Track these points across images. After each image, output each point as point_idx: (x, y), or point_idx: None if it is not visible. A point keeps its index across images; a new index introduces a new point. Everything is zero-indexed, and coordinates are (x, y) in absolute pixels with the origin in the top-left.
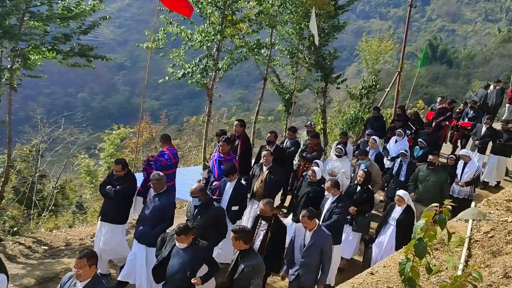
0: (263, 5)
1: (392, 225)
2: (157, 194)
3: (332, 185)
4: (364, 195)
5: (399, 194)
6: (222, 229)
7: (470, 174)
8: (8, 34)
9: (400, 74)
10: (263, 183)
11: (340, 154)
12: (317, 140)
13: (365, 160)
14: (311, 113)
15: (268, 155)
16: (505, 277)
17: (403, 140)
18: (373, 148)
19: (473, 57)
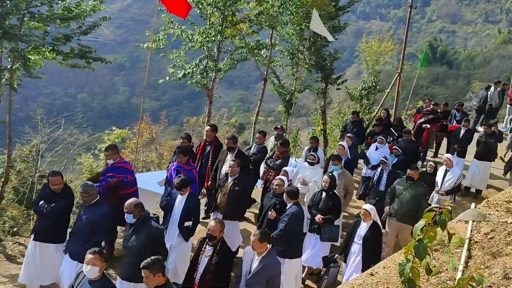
0: (263, 5)
1: (358, 243)
2: (88, 206)
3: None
4: (330, 202)
5: (366, 208)
6: (161, 251)
7: (451, 182)
8: (8, 34)
9: (400, 75)
10: (226, 195)
11: (313, 161)
12: (285, 148)
13: (338, 166)
14: (311, 114)
15: (235, 165)
16: (505, 278)
17: (384, 148)
18: (341, 154)
19: (473, 58)
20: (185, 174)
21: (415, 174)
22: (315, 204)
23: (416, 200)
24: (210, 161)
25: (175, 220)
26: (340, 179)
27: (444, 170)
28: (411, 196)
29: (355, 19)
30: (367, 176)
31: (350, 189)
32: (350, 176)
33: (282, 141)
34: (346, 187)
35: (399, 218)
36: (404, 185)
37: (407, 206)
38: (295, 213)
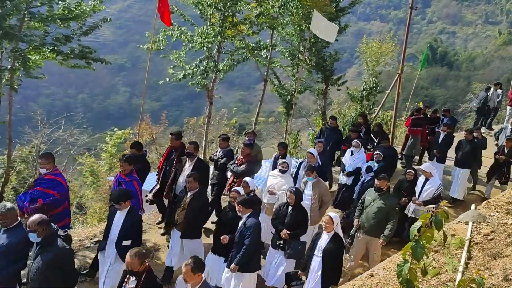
0: (263, 6)
1: (318, 257)
2: (5, 229)
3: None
4: (296, 216)
5: (330, 215)
6: (70, 274)
7: (430, 192)
8: (8, 34)
9: (400, 76)
10: (185, 211)
11: (285, 169)
12: (249, 150)
13: (311, 176)
14: (311, 114)
15: (192, 180)
16: (505, 279)
17: (360, 153)
18: (312, 162)
19: (473, 59)
20: (125, 186)
21: (383, 184)
22: (280, 218)
23: (384, 212)
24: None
25: (112, 238)
26: (315, 189)
27: (424, 179)
28: (379, 208)
29: (356, 20)
30: (343, 183)
31: (326, 200)
32: (325, 185)
33: (244, 143)
34: (321, 198)
35: (366, 231)
36: (372, 196)
37: (374, 218)
38: (255, 224)
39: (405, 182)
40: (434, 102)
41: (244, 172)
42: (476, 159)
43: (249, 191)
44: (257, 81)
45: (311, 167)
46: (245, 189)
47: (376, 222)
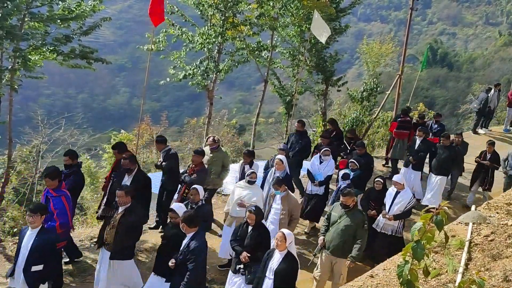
0: (264, 7)
1: (270, 279)
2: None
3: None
4: (257, 237)
5: (283, 232)
6: None
7: (401, 205)
8: (8, 34)
9: (400, 77)
10: (114, 228)
11: (253, 180)
12: (199, 158)
13: (279, 190)
14: (311, 115)
15: (122, 194)
16: (505, 280)
17: (329, 160)
18: (279, 170)
19: (473, 60)
20: (53, 202)
21: (349, 201)
22: (240, 239)
23: (352, 230)
24: None
25: (20, 262)
26: (284, 203)
27: (395, 191)
28: (346, 225)
29: (356, 21)
30: (313, 193)
31: (296, 215)
32: (295, 200)
33: (195, 150)
34: (291, 213)
35: (331, 251)
36: (339, 212)
37: (340, 237)
38: (199, 247)
39: (373, 192)
40: (434, 103)
41: (195, 182)
42: (455, 166)
43: (199, 200)
44: (257, 82)
45: (279, 181)
46: (195, 197)
47: (342, 242)
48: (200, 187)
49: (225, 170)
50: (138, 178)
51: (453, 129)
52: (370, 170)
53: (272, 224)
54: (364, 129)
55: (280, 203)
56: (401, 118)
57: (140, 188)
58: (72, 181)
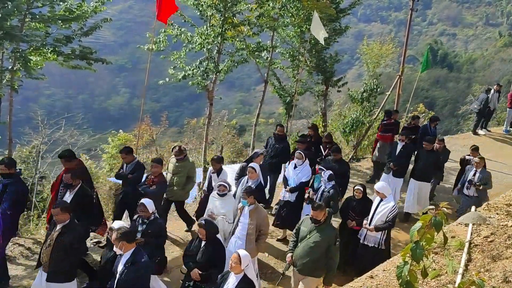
0: (263, 7)
1: None
2: None
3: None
4: (210, 253)
5: (239, 253)
6: None
7: (383, 215)
8: (9, 35)
9: (401, 77)
10: (50, 247)
11: (223, 192)
12: (159, 168)
13: (247, 200)
14: (311, 116)
15: (59, 211)
16: (505, 281)
17: (304, 165)
18: (252, 178)
19: (474, 61)
20: None
21: (319, 215)
22: (192, 255)
23: (322, 247)
24: None
25: None
26: (252, 216)
27: (379, 200)
28: (315, 242)
29: (356, 22)
30: (285, 200)
31: (265, 230)
32: (264, 214)
33: (154, 159)
34: (259, 228)
35: (300, 269)
36: (308, 226)
37: (309, 254)
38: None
39: (353, 201)
40: (435, 103)
41: (154, 195)
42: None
43: (150, 215)
44: (258, 82)
45: (248, 190)
46: (144, 213)
47: (312, 260)
48: (148, 202)
49: (191, 181)
50: (79, 194)
51: (453, 130)
52: (345, 177)
53: (240, 239)
54: (364, 129)
55: (248, 216)
56: (385, 121)
57: (82, 205)
58: (13, 192)
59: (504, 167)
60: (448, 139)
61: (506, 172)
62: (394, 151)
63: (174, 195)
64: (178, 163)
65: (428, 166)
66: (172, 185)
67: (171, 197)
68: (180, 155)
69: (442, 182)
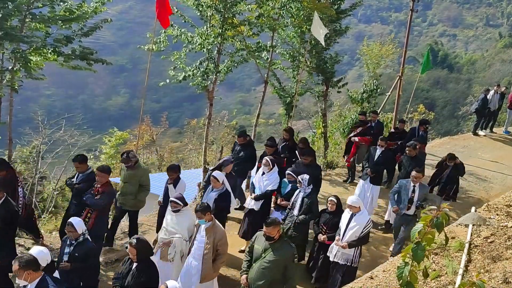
0: (263, 8)
1: None
2: None
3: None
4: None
5: (168, 285)
6: None
7: (357, 230)
8: (9, 35)
9: (401, 78)
10: None
11: (177, 208)
12: (105, 177)
13: (203, 219)
14: (311, 116)
15: None
16: (505, 282)
17: (272, 173)
18: (216, 187)
19: (474, 62)
20: None
21: (273, 231)
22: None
23: (279, 267)
24: None
25: None
26: (209, 234)
27: (350, 214)
28: (270, 261)
29: (356, 22)
30: (249, 208)
31: (222, 250)
32: (222, 231)
33: (98, 167)
34: (217, 247)
35: None
36: (262, 245)
37: (265, 275)
38: None
39: (325, 213)
40: (435, 104)
41: (99, 205)
42: None
43: (78, 235)
44: (258, 83)
45: (204, 207)
46: (72, 233)
47: (268, 281)
48: (77, 221)
49: (143, 190)
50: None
51: (453, 131)
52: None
53: (195, 259)
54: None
55: (204, 234)
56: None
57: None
58: None
59: (504, 168)
60: (449, 139)
61: (506, 173)
62: (372, 157)
63: (127, 204)
64: (129, 171)
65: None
66: (125, 193)
67: (124, 206)
68: (128, 162)
69: None
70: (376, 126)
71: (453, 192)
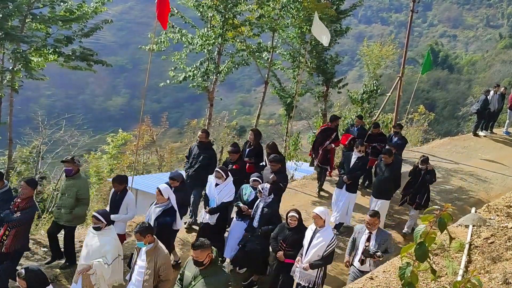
0: (264, 8)
1: None
2: None
3: None
4: None
5: None
6: None
7: (320, 248)
8: (10, 36)
9: (401, 79)
10: None
11: (97, 225)
12: (29, 191)
13: (142, 241)
14: (312, 117)
15: None
16: (505, 283)
17: (226, 183)
18: (160, 202)
19: (474, 63)
20: None
21: (202, 256)
22: None
23: None
24: None
25: None
26: (150, 258)
27: (313, 229)
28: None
29: (357, 23)
30: (205, 222)
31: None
32: (165, 254)
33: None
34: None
35: None
36: (192, 271)
37: None
38: None
39: (286, 229)
40: (435, 105)
41: (19, 222)
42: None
43: None
44: (258, 83)
45: (143, 228)
46: None
47: None
48: None
49: (81, 204)
50: None
51: (454, 132)
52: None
53: (135, 287)
54: None
55: (145, 258)
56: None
57: None
58: None
59: (504, 168)
60: (449, 140)
61: (507, 174)
62: (348, 163)
63: (62, 218)
64: (68, 181)
65: (388, 181)
66: (60, 206)
67: (59, 221)
68: (69, 166)
69: (442, 183)
70: (359, 132)
71: (425, 201)
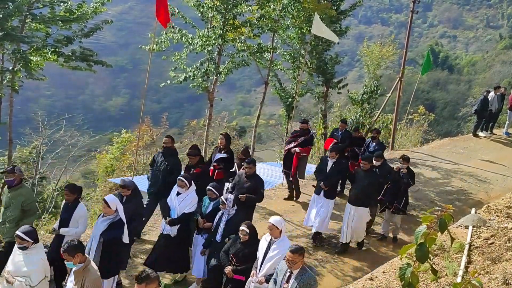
0: (264, 9)
1: None
2: None
3: None
4: None
5: None
6: None
7: (275, 262)
8: (9, 36)
9: (401, 79)
10: None
11: (22, 244)
12: None
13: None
14: (312, 117)
15: None
16: (505, 284)
17: (189, 192)
18: (108, 214)
19: (474, 63)
20: None
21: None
22: None
23: None
24: None
25: None
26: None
27: (268, 240)
28: None
29: (357, 23)
30: (165, 233)
31: None
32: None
33: None
34: None
35: None
36: None
37: None
38: None
39: (237, 243)
40: (435, 105)
41: None
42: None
43: None
44: (258, 84)
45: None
46: None
47: None
48: None
49: (28, 216)
50: None
51: (454, 132)
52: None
53: None
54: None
55: (73, 279)
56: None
57: None
58: None
59: (504, 169)
60: (449, 141)
61: (506, 175)
62: (324, 168)
63: (7, 234)
64: (11, 192)
65: (367, 188)
66: (5, 221)
67: (5, 238)
68: (10, 177)
69: (442, 184)
70: (342, 136)
71: (403, 205)
